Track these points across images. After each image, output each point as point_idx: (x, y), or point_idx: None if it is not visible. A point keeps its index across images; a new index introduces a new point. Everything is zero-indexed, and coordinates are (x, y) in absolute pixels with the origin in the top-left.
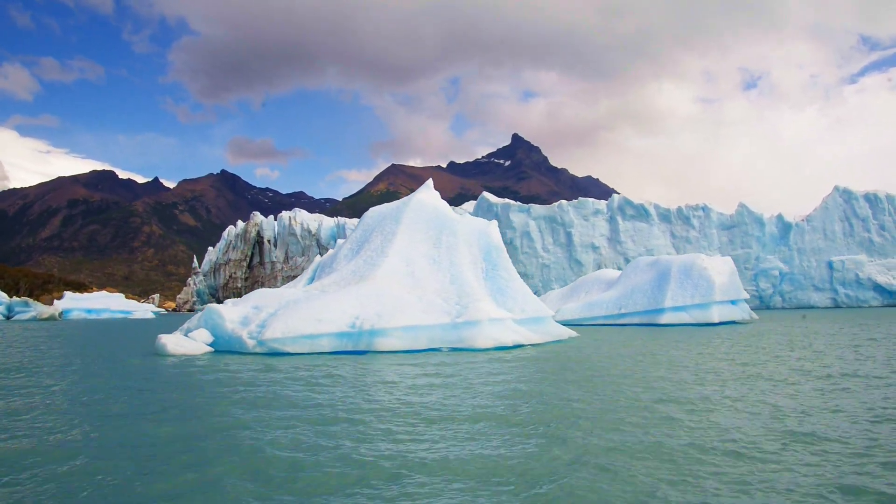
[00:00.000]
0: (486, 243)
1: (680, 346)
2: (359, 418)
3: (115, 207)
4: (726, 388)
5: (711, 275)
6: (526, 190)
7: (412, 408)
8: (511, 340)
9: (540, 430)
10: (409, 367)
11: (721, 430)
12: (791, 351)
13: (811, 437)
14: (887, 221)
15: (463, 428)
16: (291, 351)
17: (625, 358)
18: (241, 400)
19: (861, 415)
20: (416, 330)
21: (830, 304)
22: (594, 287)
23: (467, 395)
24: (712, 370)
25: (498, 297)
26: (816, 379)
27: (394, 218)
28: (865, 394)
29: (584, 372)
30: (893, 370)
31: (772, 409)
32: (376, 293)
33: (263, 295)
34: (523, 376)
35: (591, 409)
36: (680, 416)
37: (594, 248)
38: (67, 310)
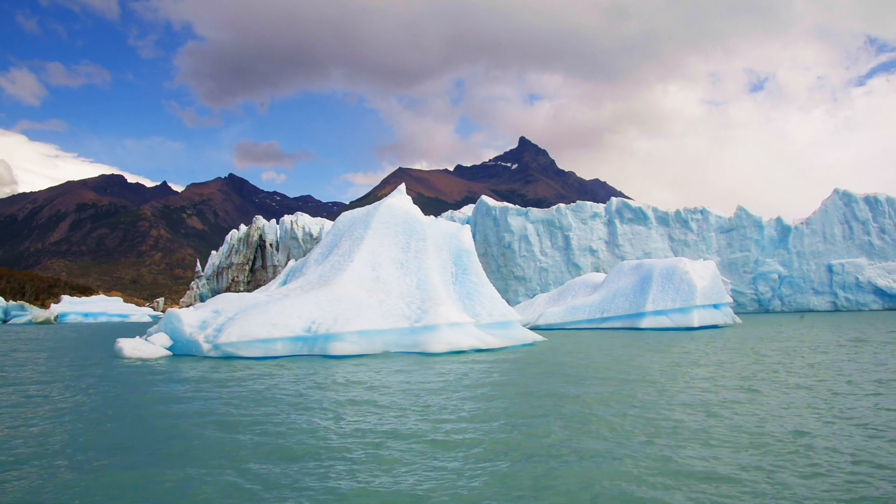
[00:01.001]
0: (457, 248)
1: (644, 350)
2: (251, 420)
3: (124, 211)
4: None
5: (693, 279)
6: (533, 193)
7: (306, 414)
8: (468, 345)
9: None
10: (344, 372)
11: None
12: (741, 356)
13: (673, 431)
14: (887, 224)
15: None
16: (245, 355)
17: (574, 365)
18: (155, 402)
19: (742, 425)
20: (372, 334)
21: (830, 308)
22: (581, 290)
23: (364, 405)
24: (644, 377)
25: (466, 301)
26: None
27: (363, 222)
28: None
29: (521, 377)
30: (809, 380)
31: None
32: (336, 297)
33: (225, 299)
34: (450, 383)
35: (493, 419)
36: (591, 420)
37: (592, 251)
38: (64, 313)
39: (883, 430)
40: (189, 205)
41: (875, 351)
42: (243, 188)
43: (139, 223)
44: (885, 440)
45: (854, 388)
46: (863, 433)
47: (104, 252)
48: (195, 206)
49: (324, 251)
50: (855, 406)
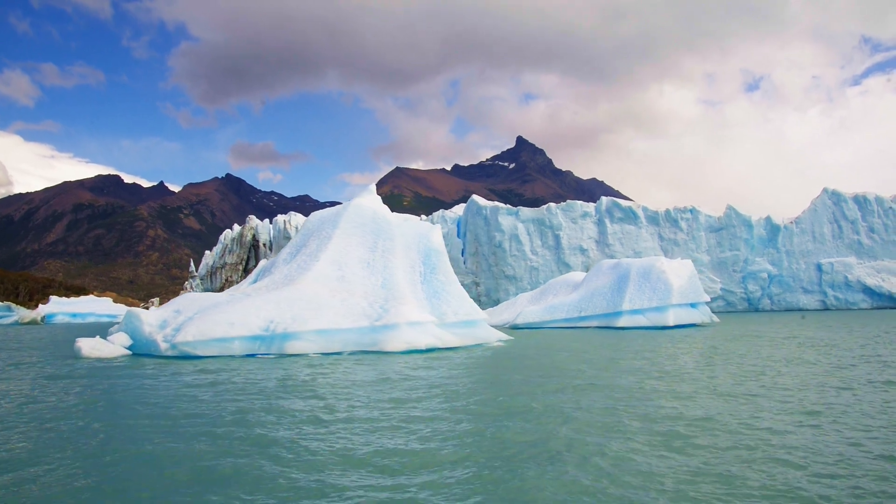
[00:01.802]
0: (426, 248)
1: (604, 350)
2: (178, 416)
3: (121, 212)
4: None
5: (669, 278)
6: (530, 192)
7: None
8: (426, 344)
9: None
10: (284, 371)
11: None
12: (691, 355)
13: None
14: (876, 223)
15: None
16: (202, 354)
17: (525, 366)
18: (94, 401)
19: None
20: (330, 333)
21: (819, 307)
22: (562, 290)
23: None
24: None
25: (433, 300)
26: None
27: (332, 222)
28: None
29: (464, 378)
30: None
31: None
32: (297, 296)
33: (187, 299)
34: (386, 381)
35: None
36: (506, 423)
37: (582, 250)
38: (51, 314)
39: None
40: (186, 205)
41: (828, 351)
42: (240, 188)
43: (136, 223)
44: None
45: (750, 386)
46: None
47: (101, 252)
48: (192, 207)
49: (292, 251)
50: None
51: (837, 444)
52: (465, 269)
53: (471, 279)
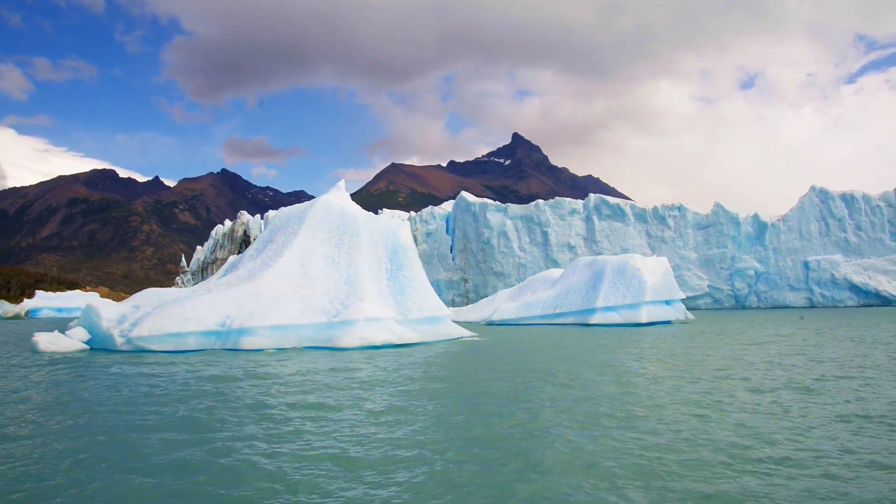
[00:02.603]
0: (393, 244)
1: (562, 348)
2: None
3: (115, 206)
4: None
5: (643, 275)
6: (525, 189)
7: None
8: (381, 340)
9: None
10: (225, 367)
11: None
12: (650, 352)
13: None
14: (863, 221)
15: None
16: (156, 349)
17: (476, 363)
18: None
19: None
20: (286, 329)
21: (806, 304)
22: (540, 286)
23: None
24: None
25: (398, 296)
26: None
27: (298, 219)
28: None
29: (401, 374)
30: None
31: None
32: (256, 292)
33: (147, 294)
34: (316, 378)
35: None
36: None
37: (570, 247)
38: (35, 309)
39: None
40: (181, 200)
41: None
42: (236, 183)
43: (131, 218)
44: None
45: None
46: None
47: (95, 247)
48: (187, 202)
49: (259, 246)
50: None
51: (686, 430)
52: (453, 265)
53: (459, 275)
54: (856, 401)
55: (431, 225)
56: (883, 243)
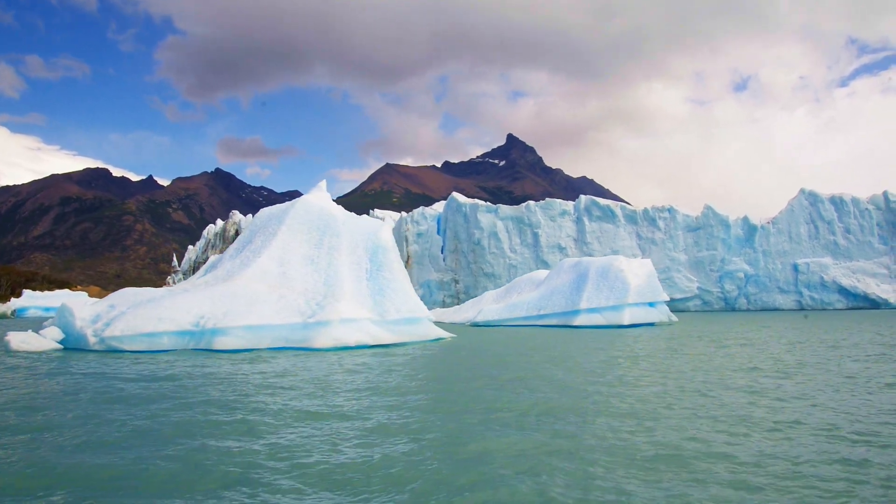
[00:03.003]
0: (373, 245)
1: (536, 350)
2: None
3: (109, 205)
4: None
5: (627, 276)
6: (520, 190)
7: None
8: (354, 341)
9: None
10: (188, 366)
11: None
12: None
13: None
14: (853, 224)
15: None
16: (129, 349)
17: (441, 366)
18: None
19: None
20: (260, 329)
21: (795, 307)
22: (526, 287)
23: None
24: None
25: (377, 297)
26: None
27: (278, 219)
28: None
29: (362, 376)
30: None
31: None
32: (232, 292)
33: (123, 294)
34: (273, 378)
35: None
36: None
37: (561, 248)
38: (22, 308)
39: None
40: (175, 199)
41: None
42: (230, 183)
43: (124, 217)
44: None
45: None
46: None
47: (88, 246)
48: (181, 201)
49: (238, 247)
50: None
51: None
52: (444, 266)
53: (450, 276)
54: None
55: (422, 226)
56: (872, 246)
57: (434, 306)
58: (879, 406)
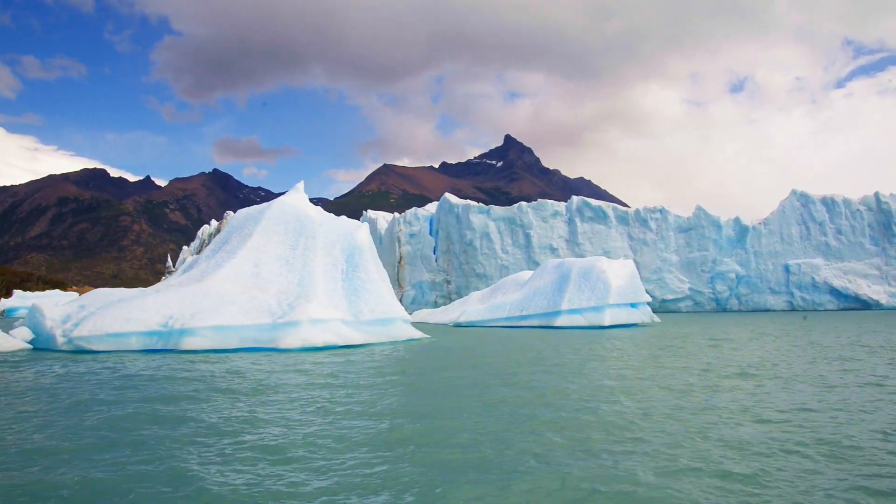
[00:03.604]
0: (350, 246)
1: (508, 350)
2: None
3: (106, 206)
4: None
5: (609, 277)
6: (517, 191)
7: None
8: (322, 341)
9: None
10: (148, 366)
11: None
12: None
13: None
14: (844, 225)
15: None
16: (96, 349)
17: (395, 367)
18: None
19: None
20: (227, 330)
21: (787, 308)
22: (511, 288)
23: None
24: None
25: (352, 298)
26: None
27: (254, 220)
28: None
29: (318, 377)
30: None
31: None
32: (203, 293)
33: (95, 294)
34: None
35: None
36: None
37: (553, 249)
38: (12, 308)
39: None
40: (172, 200)
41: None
42: (227, 183)
43: (121, 218)
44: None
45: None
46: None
47: (85, 247)
48: (178, 201)
49: (214, 248)
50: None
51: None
52: (436, 267)
53: (442, 277)
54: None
55: (415, 226)
56: (863, 247)
57: (426, 307)
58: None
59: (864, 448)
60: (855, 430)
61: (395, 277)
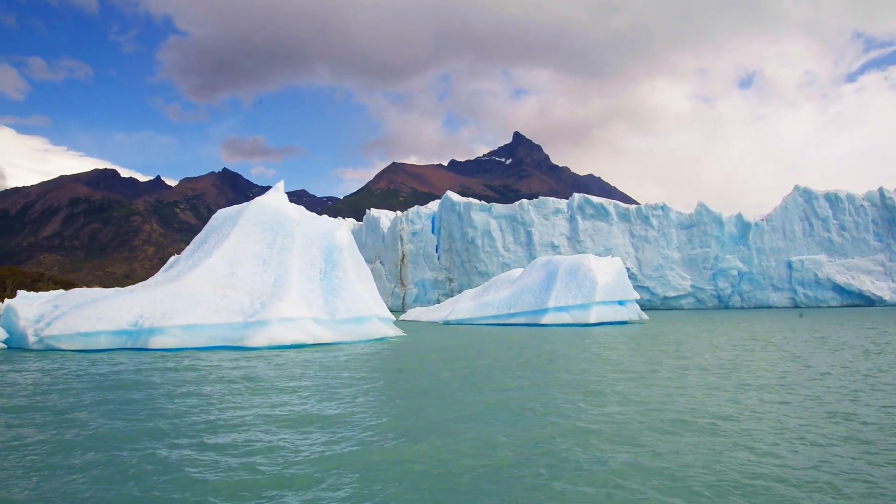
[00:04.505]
0: (328, 245)
1: (482, 349)
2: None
3: (117, 206)
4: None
5: (595, 275)
6: (527, 188)
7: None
8: (290, 340)
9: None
10: (106, 366)
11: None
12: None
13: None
14: (847, 221)
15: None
16: (66, 348)
17: (349, 367)
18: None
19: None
20: (196, 329)
21: (790, 304)
22: (503, 286)
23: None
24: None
25: (329, 297)
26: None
27: (233, 220)
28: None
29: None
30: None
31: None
32: (175, 292)
33: (70, 295)
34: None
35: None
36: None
37: (554, 247)
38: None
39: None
40: (182, 199)
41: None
42: (237, 183)
43: (132, 218)
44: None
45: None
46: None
47: (97, 247)
48: (188, 201)
49: (193, 247)
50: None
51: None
52: (438, 265)
53: (444, 275)
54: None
55: (417, 224)
56: (867, 243)
57: (429, 305)
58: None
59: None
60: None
61: (398, 276)
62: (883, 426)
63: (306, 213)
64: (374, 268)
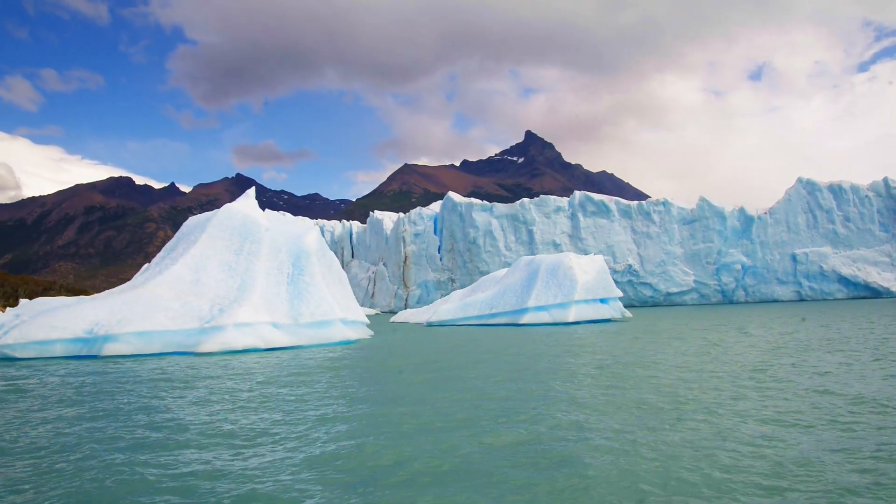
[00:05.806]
0: (297, 250)
1: (448, 353)
2: None
3: (131, 213)
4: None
5: (576, 273)
6: (539, 186)
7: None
8: (244, 345)
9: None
10: (44, 374)
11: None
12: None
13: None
14: (852, 212)
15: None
16: (20, 356)
17: (281, 377)
18: None
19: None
20: (151, 335)
21: (795, 298)
22: (489, 286)
23: None
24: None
25: (295, 301)
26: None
27: (201, 226)
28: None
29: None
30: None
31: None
32: (134, 300)
33: (35, 303)
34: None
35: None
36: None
37: (556, 245)
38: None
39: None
40: (196, 205)
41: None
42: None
43: (146, 224)
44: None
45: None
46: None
47: (112, 254)
48: (202, 207)
49: (163, 254)
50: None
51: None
52: (441, 265)
53: (447, 275)
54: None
55: (419, 226)
56: (872, 234)
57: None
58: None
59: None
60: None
61: (402, 277)
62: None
63: (277, 218)
64: (378, 270)
